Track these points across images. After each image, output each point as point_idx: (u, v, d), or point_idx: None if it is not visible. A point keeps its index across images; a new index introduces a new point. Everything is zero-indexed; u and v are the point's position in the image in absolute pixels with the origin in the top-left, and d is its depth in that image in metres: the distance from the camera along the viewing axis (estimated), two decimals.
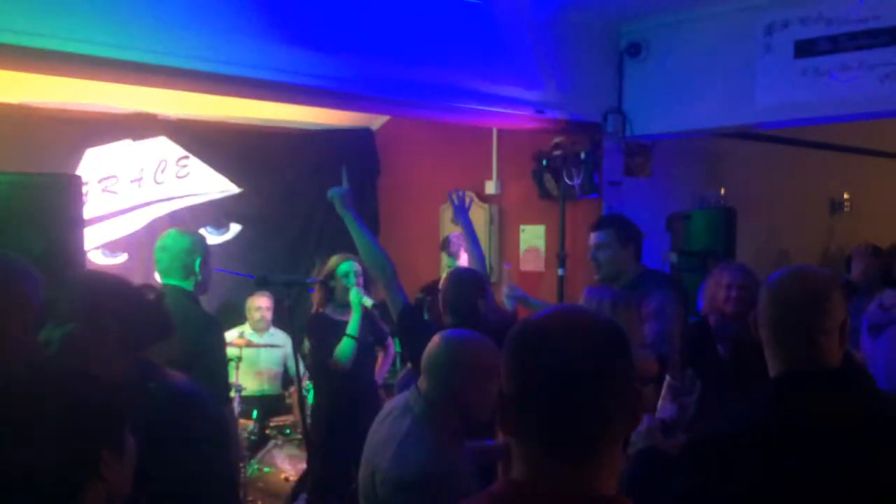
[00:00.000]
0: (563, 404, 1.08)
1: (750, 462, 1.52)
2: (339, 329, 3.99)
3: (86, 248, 4.85)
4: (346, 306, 4.05)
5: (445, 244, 4.83)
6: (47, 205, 2.65)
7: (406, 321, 3.11)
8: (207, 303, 5.05)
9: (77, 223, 2.82)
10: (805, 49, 4.33)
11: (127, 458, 1.33)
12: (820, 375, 1.64)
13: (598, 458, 1.09)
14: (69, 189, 2.80)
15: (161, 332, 1.83)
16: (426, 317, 4.68)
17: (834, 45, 4.22)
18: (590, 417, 1.08)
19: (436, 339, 2.20)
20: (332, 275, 4.09)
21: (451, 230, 5.12)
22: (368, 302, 4.03)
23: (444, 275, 4.75)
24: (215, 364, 3.04)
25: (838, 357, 1.64)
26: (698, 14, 4.80)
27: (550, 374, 1.09)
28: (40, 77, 3.87)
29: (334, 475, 3.94)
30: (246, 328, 5.27)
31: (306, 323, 4.14)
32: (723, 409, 1.72)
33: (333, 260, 4.15)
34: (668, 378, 2.45)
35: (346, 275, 4.07)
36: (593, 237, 3.47)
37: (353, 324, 3.98)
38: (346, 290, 4.03)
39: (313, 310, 4.15)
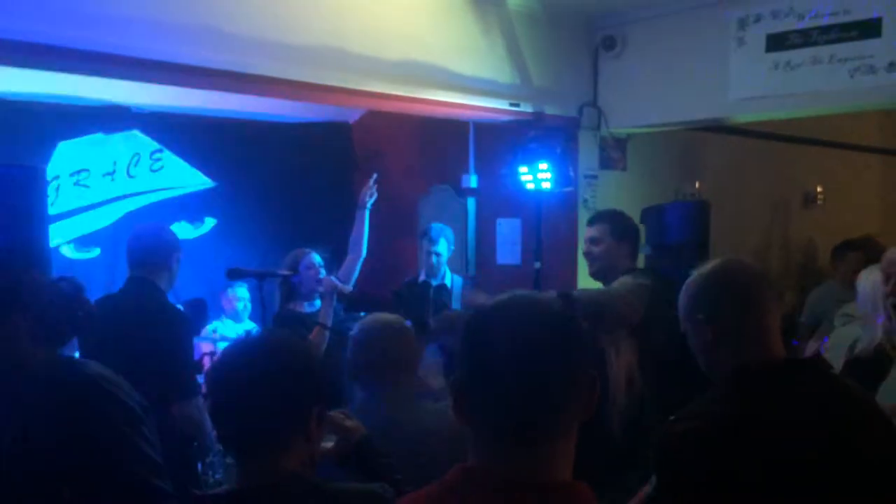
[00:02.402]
0: (514, 390, 1.08)
1: (723, 454, 1.53)
2: (307, 321, 3.96)
3: (58, 242, 4.83)
4: (313, 299, 4.05)
5: (426, 234, 4.79)
6: (8, 197, 2.59)
7: None
8: (182, 295, 5.03)
9: (41, 217, 2.77)
10: (776, 43, 4.36)
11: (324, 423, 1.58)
12: (780, 364, 1.66)
13: (551, 444, 1.10)
14: (31, 181, 2.75)
15: (80, 325, 1.81)
16: (400, 313, 4.65)
17: (805, 38, 4.26)
18: (541, 403, 1.08)
19: None
20: (295, 269, 4.06)
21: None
22: (346, 289, 4.02)
23: (423, 269, 4.76)
24: (185, 357, 3.02)
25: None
26: (672, 8, 4.82)
27: (502, 360, 1.09)
28: (9, 69, 3.81)
29: None
30: (221, 322, 5.24)
31: (273, 321, 4.10)
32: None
33: (294, 254, 4.12)
34: None
35: (311, 267, 4.05)
36: (589, 230, 3.41)
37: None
38: (315, 282, 4.01)
39: (277, 307, 4.12)
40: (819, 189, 7.19)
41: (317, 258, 4.08)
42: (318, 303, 4.06)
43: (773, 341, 1.66)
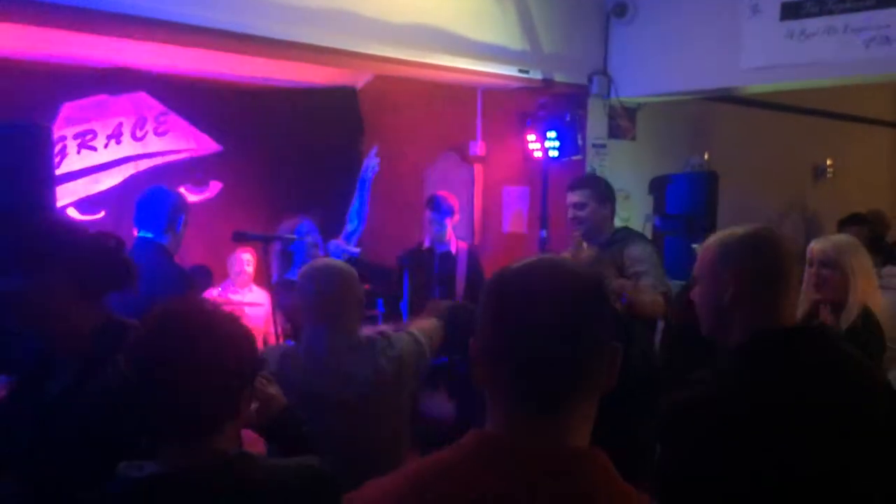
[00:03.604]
0: (537, 355, 1.05)
1: (736, 423, 1.52)
2: None
3: (62, 203, 4.81)
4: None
5: (431, 202, 4.75)
6: (15, 155, 2.57)
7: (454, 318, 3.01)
8: (187, 259, 5.02)
9: (48, 176, 2.75)
10: (791, 11, 4.29)
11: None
12: (794, 331, 1.66)
13: (571, 411, 1.07)
14: (38, 140, 2.73)
15: (118, 281, 1.78)
16: (406, 280, 4.66)
17: (820, 7, 4.18)
18: (564, 369, 1.06)
19: None
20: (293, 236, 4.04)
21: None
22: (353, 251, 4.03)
23: (428, 236, 4.73)
24: None
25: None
26: None
27: (526, 324, 1.06)
28: (14, 27, 3.77)
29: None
30: (225, 287, 5.23)
31: (273, 291, 4.08)
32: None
33: (291, 223, 4.09)
34: None
35: (308, 234, 4.03)
36: (572, 196, 3.61)
37: None
38: (313, 248, 4.00)
39: (275, 277, 4.09)
40: (829, 162, 7.14)
41: (309, 225, 4.06)
42: None
43: (790, 314, 1.67)
